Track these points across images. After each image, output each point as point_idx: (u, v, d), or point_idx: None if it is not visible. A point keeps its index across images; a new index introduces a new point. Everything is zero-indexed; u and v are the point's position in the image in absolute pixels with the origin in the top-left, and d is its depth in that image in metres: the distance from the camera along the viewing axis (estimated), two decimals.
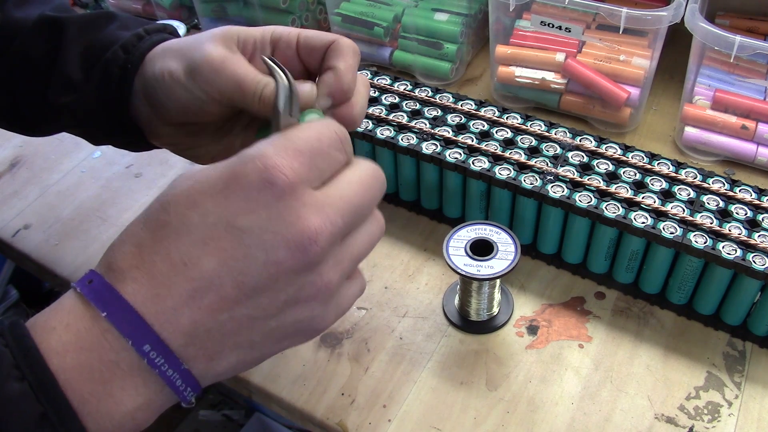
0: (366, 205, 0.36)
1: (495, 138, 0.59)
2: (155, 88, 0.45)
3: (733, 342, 0.54)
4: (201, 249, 0.32)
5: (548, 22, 0.70)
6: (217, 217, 0.32)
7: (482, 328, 0.55)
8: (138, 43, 0.46)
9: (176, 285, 0.32)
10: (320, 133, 0.35)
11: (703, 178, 0.55)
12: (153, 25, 0.49)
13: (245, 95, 0.42)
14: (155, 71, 0.44)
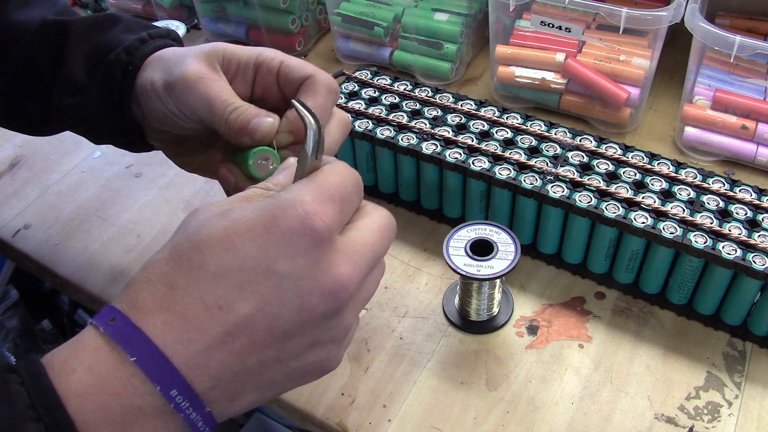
0: (382, 252, 0.37)
1: (495, 138, 0.59)
2: (141, 95, 0.46)
3: (733, 342, 0.54)
4: (238, 293, 0.32)
5: (548, 22, 0.70)
6: (256, 262, 0.32)
7: (482, 328, 0.55)
8: (140, 47, 0.47)
9: (209, 329, 0.31)
10: (345, 180, 0.36)
11: (703, 178, 0.55)
12: (157, 30, 0.49)
13: (213, 116, 0.42)
14: (142, 80, 0.45)
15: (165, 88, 0.44)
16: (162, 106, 0.44)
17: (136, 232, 0.65)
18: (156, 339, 0.31)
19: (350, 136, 0.63)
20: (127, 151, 0.76)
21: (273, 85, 0.46)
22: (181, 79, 0.43)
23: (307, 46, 0.88)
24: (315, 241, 0.32)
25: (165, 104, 0.44)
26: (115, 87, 0.46)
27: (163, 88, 0.44)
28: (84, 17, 0.50)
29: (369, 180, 0.66)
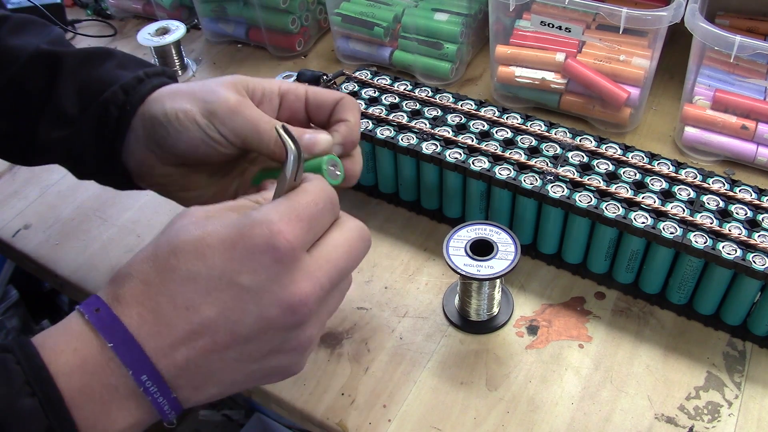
0: (349, 267, 0.40)
1: (495, 138, 0.59)
2: (163, 127, 0.46)
3: (733, 342, 0.54)
4: (203, 297, 0.35)
5: (548, 22, 0.70)
6: (222, 272, 0.35)
7: (482, 328, 0.55)
8: (138, 86, 0.47)
9: (177, 326, 0.35)
10: (317, 198, 0.39)
11: (703, 178, 0.55)
12: (153, 68, 0.50)
13: (261, 136, 0.45)
14: (165, 111, 0.46)
15: (205, 116, 0.45)
16: (200, 133, 0.45)
17: (136, 232, 0.65)
18: (131, 329, 0.35)
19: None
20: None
21: (300, 111, 0.49)
22: (223, 105, 0.45)
23: (307, 46, 0.88)
24: (277, 258, 0.36)
25: (205, 130, 0.45)
26: (110, 124, 0.47)
27: (202, 115, 0.45)
28: (77, 50, 0.51)
29: (369, 180, 0.66)
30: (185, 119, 0.45)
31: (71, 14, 0.99)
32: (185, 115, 0.45)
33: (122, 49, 0.94)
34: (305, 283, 0.36)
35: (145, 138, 0.47)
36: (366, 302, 0.58)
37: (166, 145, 0.46)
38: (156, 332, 0.35)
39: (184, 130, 0.45)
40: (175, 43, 0.83)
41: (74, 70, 0.49)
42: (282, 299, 0.36)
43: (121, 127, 0.47)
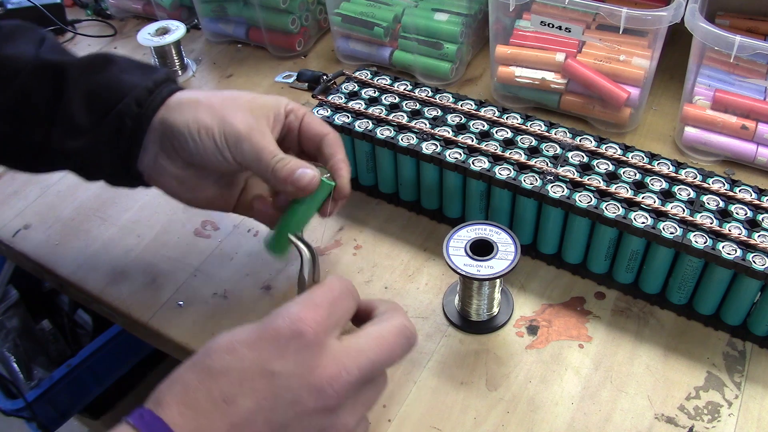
0: (382, 360, 0.41)
1: (495, 138, 0.59)
2: (184, 135, 0.49)
3: (733, 342, 0.54)
4: (237, 388, 0.37)
5: (548, 22, 0.70)
6: (252, 362, 0.38)
7: (482, 328, 0.55)
8: (149, 97, 0.50)
9: (216, 420, 0.36)
10: (333, 287, 0.42)
11: (703, 178, 0.55)
12: (158, 75, 0.51)
13: (260, 164, 0.49)
14: (187, 123, 0.49)
15: (221, 137, 0.49)
16: (215, 150, 0.49)
17: (136, 232, 0.65)
18: (174, 427, 0.36)
19: (350, 136, 0.63)
20: None
21: (294, 131, 0.54)
22: (236, 130, 0.49)
23: (307, 46, 0.88)
24: (303, 344, 0.38)
25: (220, 149, 0.49)
26: (124, 135, 0.49)
27: (219, 136, 0.49)
28: (79, 58, 0.52)
29: (369, 180, 0.66)
30: (205, 135, 0.49)
31: (71, 14, 0.99)
32: (206, 131, 0.49)
33: (122, 49, 0.95)
34: (332, 367, 0.38)
35: (160, 143, 0.50)
36: None
37: (183, 151, 0.50)
38: (196, 427, 0.36)
39: (202, 144, 0.49)
40: (175, 43, 0.83)
41: (79, 79, 0.50)
42: (310, 382, 0.38)
43: (136, 137, 0.50)
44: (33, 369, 1.09)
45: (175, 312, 0.58)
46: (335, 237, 0.63)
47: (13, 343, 1.09)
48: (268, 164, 0.49)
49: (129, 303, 0.59)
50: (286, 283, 0.60)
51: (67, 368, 1.01)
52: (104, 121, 0.49)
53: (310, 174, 0.50)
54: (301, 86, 0.81)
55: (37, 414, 0.99)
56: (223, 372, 0.37)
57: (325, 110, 0.64)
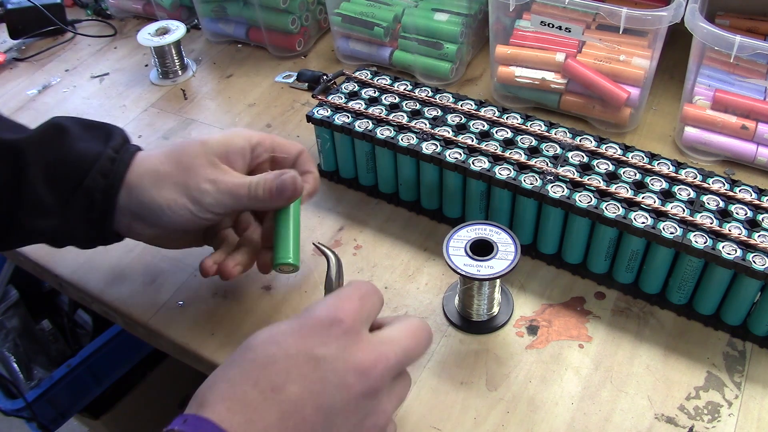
0: (412, 348, 0.42)
1: (495, 138, 0.59)
2: (156, 213, 0.50)
3: (733, 342, 0.54)
4: (285, 376, 0.37)
5: (548, 22, 0.70)
6: (297, 349, 0.38)
7: (482, 328, 0.55)
8: (113, 166, 0.50)
9: (266, 410, 0.36)
10: (360, 285, 0.44)
11: (703, 178, 0.55)
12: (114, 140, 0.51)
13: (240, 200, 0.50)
14: (154, 199, 0.50)
15: (193, 203, 0.50)
16: (192, 216, 0.50)
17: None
18: (223, 424, 0.35)
19: (350, 136, 0.63)
20: None
21: (266, 161, 0.55)
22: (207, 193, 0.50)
23: (307, 46, 0.88)
24: (344, 329, 0.40)
25: (196, 214, 0.50)
26: (96, 209, 0.50)
27: (194, 204, 0.50)
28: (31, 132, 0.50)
29: (369, 180, 0.66)
30: (177, 208, 0.50)
31: (71, 14, 0.99)
32: (176, 204, 0.50)
33: (122, 49, 0.95)
34: (372, 352, 0.40)
35: (132, 212, 0.51)
36: None
37: (159, 222, 0.51)
38: (247, 420, 0.36)
39: (175, 216, 0.50)
40: (175, 43, 0.83)
41: (37, 156, 0.49)
42: (356, 364, 0.39)
43: (108, 207, 0.50)
44: (33, 369, 1.09)
45: (175, 312, 0.58)
46: (335, 237, 0.63)
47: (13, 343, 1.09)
48: (246, 196, 0.50)
49: (129, 303, 0.59)
50: (285, 283, 0.60)
51: (67, 368, 1.01)
52: (73, 198, 0.49)
53: (289, 176, 0.51)
54: (301, 86, 0.81)
55: (37, 414, 0.99)
56: (268, 362, 0.38)
57: (325, 110, 0.64)
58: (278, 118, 0.78)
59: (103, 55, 0.92)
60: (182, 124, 0.79)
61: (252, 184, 0.50)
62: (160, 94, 0.84)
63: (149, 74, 0.87)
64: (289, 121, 0.78)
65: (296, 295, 0.59)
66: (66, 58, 0.93)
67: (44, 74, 0.90)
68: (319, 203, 0.67)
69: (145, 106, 0.82)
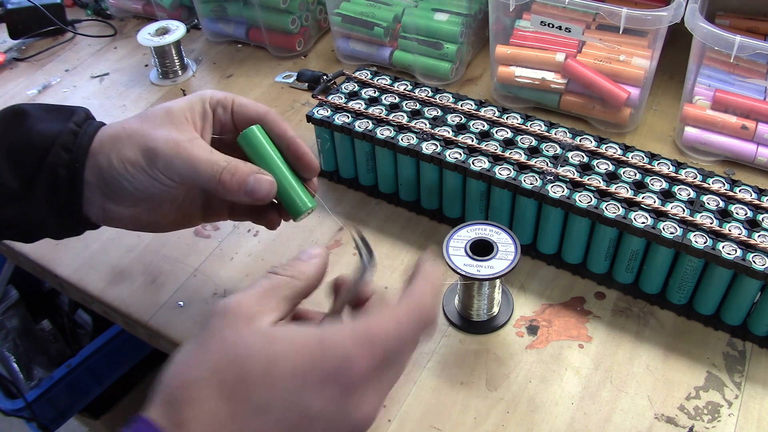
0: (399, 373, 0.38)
1: (495, 138, 0.59)
2: (116, 178, 0.45)
3: (733, 342, 0.54)
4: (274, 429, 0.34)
5: (548, 22, 0.70)
6: (292, 402, 0.34)
7: (482, 328, 0.55)
8: (76, 140, 0.46)
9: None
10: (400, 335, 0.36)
11: (703, 178, 0.55)
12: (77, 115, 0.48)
13: (201, 177, 0.44)
14: (113, 162, 0.45)
15: (148, 163, 0.45)
16: (150, 180, 0.45)
17: (136, 231, 0.65)
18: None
19: (350, 136, 0.63)
20: None
21: (229, 122, 0.49)
22: (161, 150, 0.44)
23: (307, 46, 0.88)
24: (348, 387, 0.34)
25: (153, 177, 0.45)
26: (61, 188, 0.46)
27: (146, 163, 0.45)
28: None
29: (369, 180, 0.66)
30: (133, 169, 0.45)
31: (71, 14, 0.99)
32: (133, 165, 0.45)
33: (122, 49, 0.95)
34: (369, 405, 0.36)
35: (101, 188, 0.47)
36: None
37: (122, 192, 0.46)
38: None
39: (136, 179, 0.45)
40: (175, 43, 0.83)
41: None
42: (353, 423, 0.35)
43: (75, 186, 0.46)
44: (33, 369, 1.09)
45: (175, 312, 0.58)
46: (335, 237, 0.63)
47: (13, 343, 1.09)
48: (211, 177, 0.44)
49: (129, 303, 0.59)
50: None
51: (67, 368, 1.01)
52: (36, 178, 0.46)
53: (269, 181, 0.46)
54: (301, 86, 0.81)
55: (37, 414, 0.99)
56: (261, 411, 0.34)
57: (325, 110, 0.64)
58: None
59: (103, 55, 0.92)
60: None
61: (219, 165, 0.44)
62: (160, 94, 0.84)
63: (149, 74, 0.87)
64: (289, 121, 0.78)
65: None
66: (66, 58, 0.93)
67: (44, 74, 0.90)
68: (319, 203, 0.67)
69: (145, 106, 0.82)
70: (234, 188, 0.45)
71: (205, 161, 0.44)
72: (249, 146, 0.48)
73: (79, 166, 0.46)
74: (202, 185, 0.45)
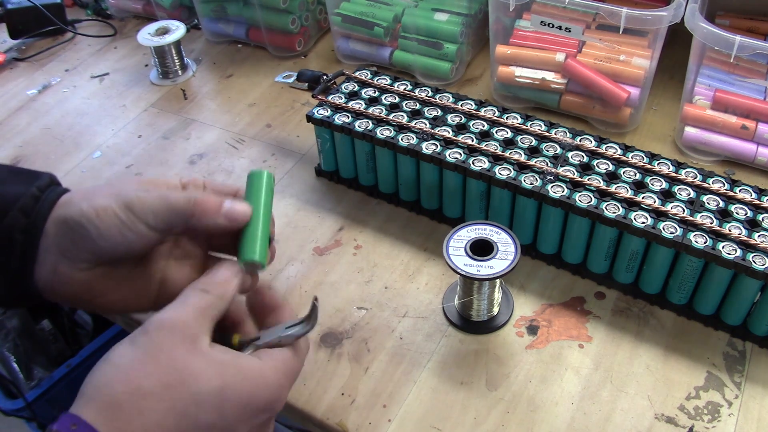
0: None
1: (495, 138, 0.59)
2: (83, 227, 0.44)
3: (733, 342, 0.54)
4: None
5: (548, 22, 0.70)
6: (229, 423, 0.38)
7: (482, 328, 0.55)
8: (37, 205, 0.45)
9: None
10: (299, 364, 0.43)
11: (703, 178, 0.55)
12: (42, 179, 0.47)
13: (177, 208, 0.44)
14: (83, 211, 0.44)
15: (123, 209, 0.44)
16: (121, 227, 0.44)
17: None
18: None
19: (350, 136, 0.63)
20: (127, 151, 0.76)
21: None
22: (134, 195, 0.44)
23: (307, 46, 0.88)
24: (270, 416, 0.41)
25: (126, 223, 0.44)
26: (14, 252, 0.45)
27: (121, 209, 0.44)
28: None
29: (369, 180, 0.66)
30: (105, 215, 0.44)
31: (71, 14, 0.99)
32: (105, 211, 0.44)
33: (122, 49, 0.95)
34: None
35: (57, 247, 0.45)
36: (366, 302, 0.58)
37: (85, 245, 0.44)
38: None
39: (104, 227, 0.44)
40: (175, 43, 0.83)
41: None
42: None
43: (29, 250, 0.45)
44: (33, 369, 1.09)
45: None
46: (335, 237, 0.63)
47: (13, 343, 1.09)
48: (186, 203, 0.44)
49: None
50: (285, 283, 0.60)
51: (67, 368, 1.01)
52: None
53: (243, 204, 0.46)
54: (301, 86, 0.81)
55: (37, 414, 0.99)
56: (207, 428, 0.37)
57: (325, 110, 0.64)
58: (278, 118, 0.78)
59: (103, 55, 0.92)
60: (182, 124, 0.79)
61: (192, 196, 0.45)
62: (160, 94, 0.84)
63: (149, 74, 0.87)
64: (289, 121, 0.78)
65: (296, 294, 0.59)
66: (66, 58, 0.93)
67: (44, 74, 0.90)
68: (319, 203, 0.67)
69: (145, 106, 0.82)
70: (212, 208, 0.45)
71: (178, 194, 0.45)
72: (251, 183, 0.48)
73: (35, 230, 0.45)
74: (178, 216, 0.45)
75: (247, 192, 0.48)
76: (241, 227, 0.46)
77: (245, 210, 0.46)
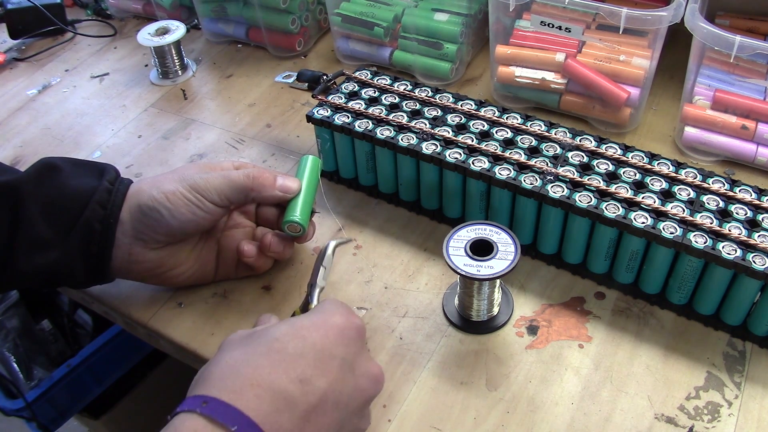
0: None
1: (495, 138, 0.59)
2: (156, 210, 0.51)
3: (733, 342, 0.54)
4: (313, 370, 0.40)
5: (548, 22, 0.70)
6: (322, 346, 0.41)
7: (482, 328, 0.55)
8: (110, 197, 0.52)
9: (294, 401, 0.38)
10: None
11: (703, 178, 0.55)
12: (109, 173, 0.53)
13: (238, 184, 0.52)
14: (154, 197, 0.51)
15: (190, 191, 0.51)
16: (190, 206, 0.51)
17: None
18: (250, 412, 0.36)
19: (350, 136, 0.63)
20: (127, 151, 0.76)
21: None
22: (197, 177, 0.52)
23: (307, 46, 0.88)
24: (355, 336, 0.43)
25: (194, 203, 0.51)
26: (94, 240, 0.51)
27: (188, 191, 0.51)
28: (25, 173, 0.52)
29: (369, 180, 0.66)
30: (174, 198, 0.51)
31: (71, 14, 0.99)
32: (173, 195, 0.51)
33: (122, 49, 0.95)
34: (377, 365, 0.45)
35: (132, 232, 0.52)
36: (366, 302, 0.58)
37: (159, 227, 0.51)
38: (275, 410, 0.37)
39: (175, 208, 0.51)
40: (175, 43, 0.83)
41: (33, 194, 0.51)
42: (368, 370, 0.43)
43: (107, 238, 0.51)
44: (33, 369, 1.09)
45: (175, 312, 0.58)
46: (335, 237, 0.63)
47: (13, 343, 1.09)
48: (245, 178, 0.52)
49: (129, 303, 0.59)
50: (285, 283, 0.60)
51: (67, 368, 1.01)
52: (72, 231, 0.50)
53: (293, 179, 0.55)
54: (301, 86, 0.81)
55: (37, 414, 0.99)
56: (298, 354, 0.40)
57: (325, 110, 0.64)
58: (278, 118, 0.78)
59: (103, 55, 0.92)
60: (182, 124, 0.79)
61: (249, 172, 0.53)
62: (160, 94, 0.84)
63: (149, 74, 0.87)
64: (289, 121, 0.78)
65: (296, 295, 0.59)
66: (66, 58, 0.93)
67: (44, 74, 0.90)
68: (319, 203, 0.67)
69: (145, 106, 0.82)
70: (269, 182, 0.53)
71: (237, 172, 0.53)
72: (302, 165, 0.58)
73: (112, 220, 0.51)
74: (239, 191, 0.52)
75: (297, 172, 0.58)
76: (290, 198, 0.55)
77: (296, 183, 0.55)
